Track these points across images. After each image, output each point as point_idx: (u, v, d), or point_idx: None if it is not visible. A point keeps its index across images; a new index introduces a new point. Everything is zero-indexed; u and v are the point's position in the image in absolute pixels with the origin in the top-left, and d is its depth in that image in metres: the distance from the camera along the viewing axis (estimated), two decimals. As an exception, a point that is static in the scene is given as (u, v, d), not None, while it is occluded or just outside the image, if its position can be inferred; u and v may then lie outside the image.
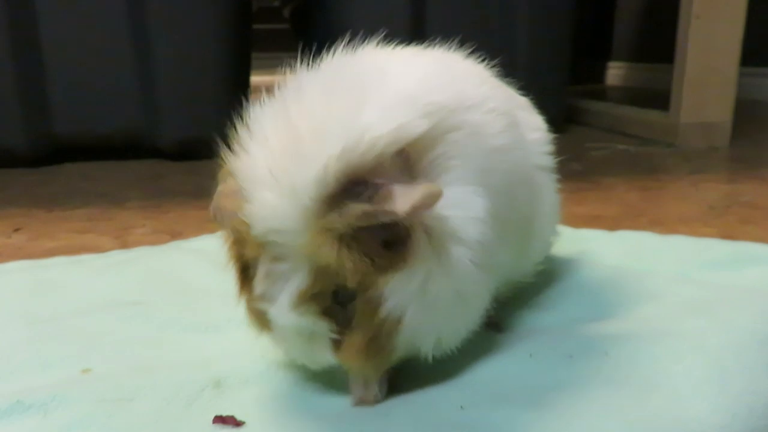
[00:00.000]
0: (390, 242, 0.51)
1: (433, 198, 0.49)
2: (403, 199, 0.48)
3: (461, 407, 0.57)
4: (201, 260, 1.00)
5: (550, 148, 0.75)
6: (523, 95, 0.82)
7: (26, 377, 0.66)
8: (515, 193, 0.63)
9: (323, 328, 0.53)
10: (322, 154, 0.48)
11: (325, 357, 0.55)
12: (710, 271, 0.88)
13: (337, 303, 0.53)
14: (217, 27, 1.92)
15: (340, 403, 0.60)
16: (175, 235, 1.21)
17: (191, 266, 0.98)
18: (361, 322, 0.53)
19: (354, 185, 0.49)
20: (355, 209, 0.48)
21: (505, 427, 0.53)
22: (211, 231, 1.15)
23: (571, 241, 1.04)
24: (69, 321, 0.79)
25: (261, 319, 0.56)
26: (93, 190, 1.62)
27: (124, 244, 1.16)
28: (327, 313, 0.53)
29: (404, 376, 0.62)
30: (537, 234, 0.73)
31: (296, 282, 0.51)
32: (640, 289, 0.80)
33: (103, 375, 0.66)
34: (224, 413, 0.57)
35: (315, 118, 0.50)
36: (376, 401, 0.59)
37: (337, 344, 0.54)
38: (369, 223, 0.48)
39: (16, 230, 1.27)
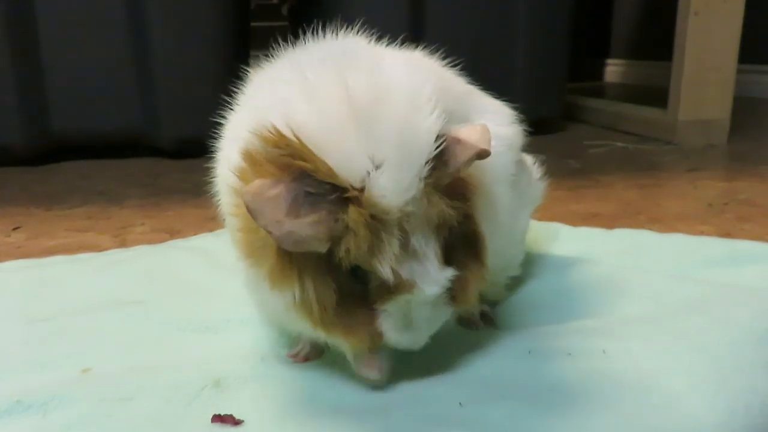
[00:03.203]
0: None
1: (488, 130, 0.52)
2: (478, 138, 0.51)
3: (460, 404, 0.57)
4: (200, 258, 1.00)
5: (512, 164, 0.71)
6: (504, 96, 0.78)
7: (26, 377, 0.67)
8: None
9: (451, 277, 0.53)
10: (424, 120, 0.49)
11: (447, 312, 0.56)
12: (708, 270, 0.88)
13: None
14: (216, 25, 1.92)
15: (338, 400, 0.60)
16: (174, 233, 1.21)
17: (190, 265, 0.98)
18: (466, 255, 0.56)
19: None
20: (468, 154, 0.50)
21: (504, 424, 0.54)
22: (210, 229, 1.15)
23: (570, 239, 1.04)
24: (68, 320, 0.80)
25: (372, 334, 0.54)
26: (92, 188, 1.62)
27: (123, 243, 1.16)
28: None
29: (403, 373, 0.62)
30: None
31: (432, 245, 0.52)
32: (638, 287, 0.81)
33: (103, 374, 0.66)
34: (223, 412, 0.57)
35: (379, 86, 0.49)
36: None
37: (453, 294, 0.55)
38: (468, 167, 0.52)
39: (15, 229, 1.27)
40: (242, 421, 0.57)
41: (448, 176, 0.51)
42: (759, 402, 0.54)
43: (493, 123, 0.71)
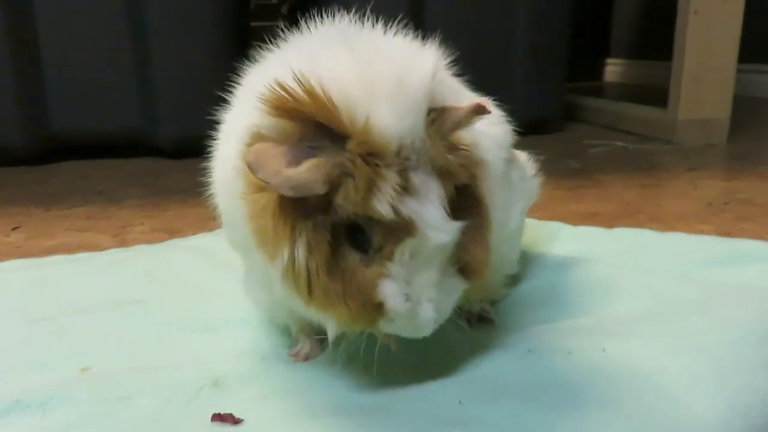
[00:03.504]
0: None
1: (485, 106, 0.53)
2: (478, 105, 0.52)
3: (460, 402, 0.57)
4: (199, 258, 1.00)
5: (503, 164, 0.71)
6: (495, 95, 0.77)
7: (25, 376, 0.67)
8: None
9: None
10: (421, 59, 0.51)
11: (458, 288, 0.55)
12: (708, 269, 0.88)
13: None
14: (215, 24, 1.92)
15: (339, 399, 0.60)
16: (174, 233, 1.21)
17: (190, 264, 0.98)
18: (473, 229, 0.54)
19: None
20: (460, 111, 0.52)
21: (503, 423, 0.54)
22: (210, 229, 1.15)
23: (570, 239, 1.04)
24: (68, 320, 0.80)
25: (369, 293, 0.51)
26: (91, 188, 1.62)
27: (123, 243, 1.16)
28: None
29: (403, 371, 0.62)
30: None
31: (435, 188, 0.51)
32: (638, 286, 0.81)
33: (102, 374, 0.66)
34: (223, 411, 0.57)
35: (383, 48, 0.53)
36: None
37: (463, 267, 0.54)
38: (468, 125, 0.52)
39: (15, 229, 1.27)
40: (242, 421, 0.57)
41: (450, 125, 0.51)
42: (759, 401, 0.54)
43: (483, 122, 0.71)
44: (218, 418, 0.57)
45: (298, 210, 0.50)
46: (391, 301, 0.51)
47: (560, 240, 1.04)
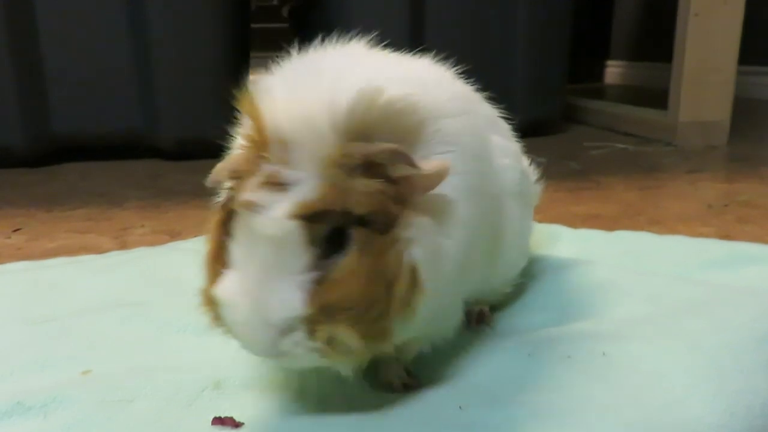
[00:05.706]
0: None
1: (445, 173, 0.51)
2: (423, 163, 0.50)
3: (460, 407, 0.57)
4: (200, 260, 1.00)
5: (520, 177, 0.73)
6: (500, 108, 0.78)
7: (26, 378, 0.67)
8: (486, 206, 0.62)
9: (308, 256, 0.48)
10: (351, 88, 0.50)
11: (294, 303, 0.48)
12: (708, 271, 0.88)
13: (329, 242, 0.49)
14: (216, 26, 1.92)
15: (338, 403, 0.60)
16: (174, 235, 1.21)
17: (191, 267, 0.98)
18: (362, 263, 0.49)
19: (368, 138, 0.50)
20: (383, 145, 0.49)
21: (504, 427, 0.54)
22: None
23: (570, 241, 1.04)
24: (68, 322, 0.80)
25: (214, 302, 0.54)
26: (92, 190, 1.62)
27: (124, 245, 1.16)
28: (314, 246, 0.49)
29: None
30: (503, 256, 0.71)
31: (304, 189, 0.48)
32: (638, 289, 0.81)
33: (103, 376, 0.66)
34: (223, 414, 0.58)
35: (336, 72, 0.53)
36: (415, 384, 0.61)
37: (315, 293, 0.48)
38: (391, 160, 0.49)
39: (16, 231, 1.27)
40: (242, 424, 0.57)
41: (360, 151, 0.49)
42: (759, 403, 0.54)
43: (501, 136, 0.73)
44: (219, 421, 0.57)
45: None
46: (219, 284, 0.53)
47: (560, 243, 1.04)
